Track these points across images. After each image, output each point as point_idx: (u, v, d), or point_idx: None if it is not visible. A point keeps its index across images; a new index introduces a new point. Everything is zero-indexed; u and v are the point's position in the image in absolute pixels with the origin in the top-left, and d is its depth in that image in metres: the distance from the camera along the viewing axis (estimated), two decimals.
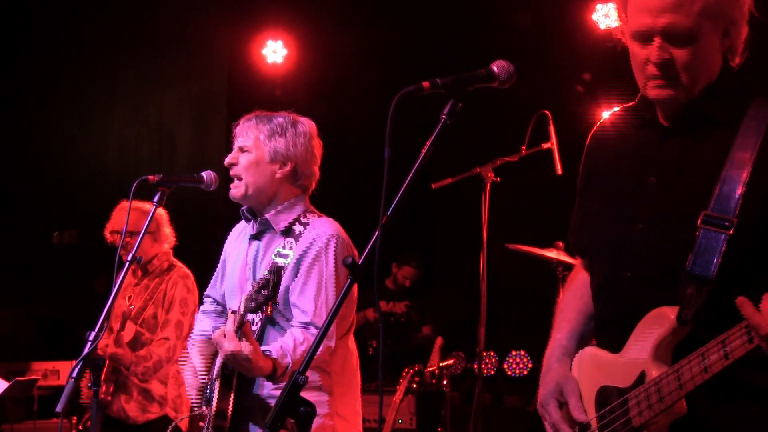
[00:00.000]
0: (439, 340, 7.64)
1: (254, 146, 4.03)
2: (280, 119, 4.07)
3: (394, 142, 2.53)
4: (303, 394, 2.49)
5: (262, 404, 3.87)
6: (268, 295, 3.50)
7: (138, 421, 5.79)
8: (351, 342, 4.09)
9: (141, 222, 5.93)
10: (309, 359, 2.52)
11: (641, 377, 2.46)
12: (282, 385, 3.17)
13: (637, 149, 2.70)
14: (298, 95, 9.21)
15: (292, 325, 3.83)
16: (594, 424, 2.58)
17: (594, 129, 2.90)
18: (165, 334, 5.79)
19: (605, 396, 2.57)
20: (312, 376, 3.82)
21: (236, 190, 4.05)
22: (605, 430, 2.53)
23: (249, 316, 3.76)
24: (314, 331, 3.76)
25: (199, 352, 4.11)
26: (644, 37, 2.54)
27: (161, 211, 6.01)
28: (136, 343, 5.76)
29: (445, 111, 2.59)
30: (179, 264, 6.04)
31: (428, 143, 2.57)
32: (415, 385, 7.22)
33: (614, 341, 2.61)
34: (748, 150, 2.43)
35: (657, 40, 2.51)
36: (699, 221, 2.42)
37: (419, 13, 9.23)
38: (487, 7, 8.85)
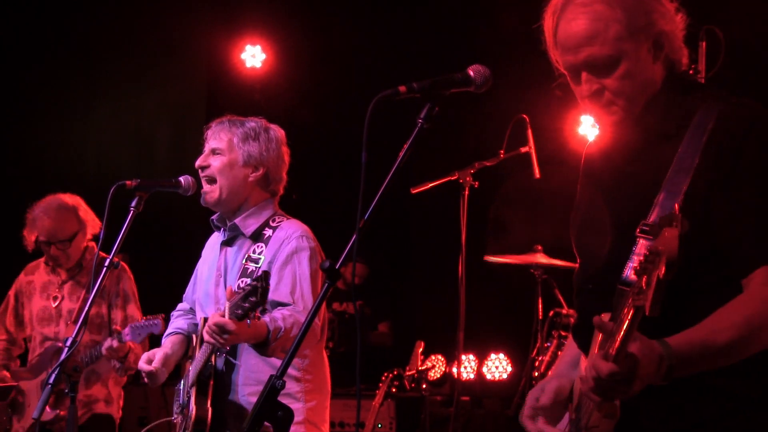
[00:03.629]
0: (419, 344, 7.64)
1: (227, 149, 4.03)
2: (253, 123, 4.09)
3: (372, 146, 2.53)
4: None
5: (238, 411, 3.88)
6: (257, 301, 3.47)
7: (81, 420, 5.51)
8: (322, 349, 4.11)
9: (68, 225, 5.53)
10: (299, 341, 2.54)
11: None
12: (258, 389, 3.17)
13: (606, 162, 2.75)
14: (277, 99, 9.21)
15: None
16: (574, 417, 2.61)
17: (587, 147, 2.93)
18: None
19: (580, 393, 2.60)
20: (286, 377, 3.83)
21: (210, 195, 4.05)
22: (573, 426, 2.58)
23: None
24: (299, 309, 3.78)
25: (171, 345, 4.14)
26: (573, 74, 2.62)
27: (75, 199, 5.69)
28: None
29: (422, 115, 2.61)
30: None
31: (405, 147, 2.58)
32: (394, 390, 7.21)
33: (584, 347, 2.65)
34: (689, 159, 2.43)
35: (584, 75, 2.59)
36: (637, 230, 2.45)
37: (398, 17, 9.24)
38: (465, 12, 8.87)
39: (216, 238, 4.26)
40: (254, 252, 3.98)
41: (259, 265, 3.91)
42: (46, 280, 5.75)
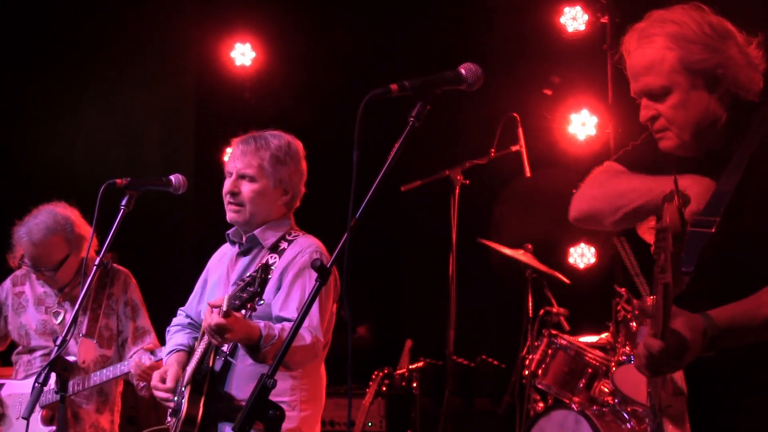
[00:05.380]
0: (408, 343, 7.65)
1: (258, 175, 3.98)
2: (276, 141, 4.03)
3: (364, 145, 2.53)
4: None
5: (232, 404, 3.86)
6: (255, 291, 3.45)
7: None
8: (321, 367, 4.11)
9: (55, 253, 5.06)
10: (289, 342, 2.55)
11: None
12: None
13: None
14: (267, 98, 9.19)
15: None
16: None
17: None
18: (149, 344, 5.19)
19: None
20: (281, 390, 3.83)
21: (239, 216, 4.02)
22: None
23: None
24: (304, 325, 3.74)
25: (177, 362, 4.10)
26: (637, 99, 2.81)
27: (70, 213, 5.19)
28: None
29: (413, 113, 2.61)
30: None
31: (396, 146, 2.58)
32: (384, 388, 7.21)
33: None
34: (742, 161, 2.63)
35: (643, 101, 2.79)
36: (690, 224, 2.58)
37: (390, 15, 9.23)
38: (456, 11, 8.86)
39: (227, 249, 4.24)
40: (268, 262, 3.97)
41: (270, 276, 3.90)
42: (40, 291, 5.31)
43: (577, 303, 6.91)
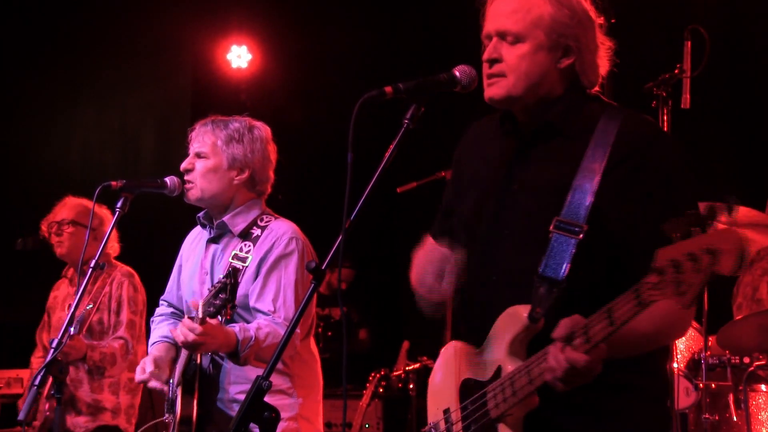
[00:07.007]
0: (405, 344, 7.65)
1: (211, 152, 4.02)
2: (236, 124, 4.07)
3: (359, 146, 2.53)
4: (266, 398, 2.49)
5: (225, 410, 3.87)
6: (227, 298, 3.53)
7: (89, 429, 5.44)
8: (312, 345, 4.12)
9: (65, 211, 5.70)
10: (279, 353, 2.54)
11: (498, 371, 2.61)
12: (246, 388, 3.18)
13: (502, 157, 2.85)
14: (262, 100, 9.19)
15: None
16: (457, 415, 2.72)
17: (469, 128, 3.09)
18: (119, 335, 5.46)
19: (468, 388, 2.73)
20: (274, 380, 3.83)
21: (192, 193, 4.05)
22: (466, 421, 2.67)
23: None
24: (278, 320, 3.79)
25: (158, 351, 4.11)
26: (487, 39, 2.78)
27: (97, 208, 5.58)
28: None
29: (408, 115, 2.62)
30: (119, 263, 5.72)
31: (391, 147, 2.59)
32: (381, 390, 7.21)
33: (477, 335, 2.78)
34: (597, 161, 2.59)
35: (493, 40, 2.74)
36: (552, 226, 2.57)
37: (386, 16, 9.24)
38: (452, 11, 8.86)
39: (199, 235, 4.25)
40: (241, 250, 3.97)
41: (246, 264, 3.91)
42: (65, 293, 5.72)
43: None
